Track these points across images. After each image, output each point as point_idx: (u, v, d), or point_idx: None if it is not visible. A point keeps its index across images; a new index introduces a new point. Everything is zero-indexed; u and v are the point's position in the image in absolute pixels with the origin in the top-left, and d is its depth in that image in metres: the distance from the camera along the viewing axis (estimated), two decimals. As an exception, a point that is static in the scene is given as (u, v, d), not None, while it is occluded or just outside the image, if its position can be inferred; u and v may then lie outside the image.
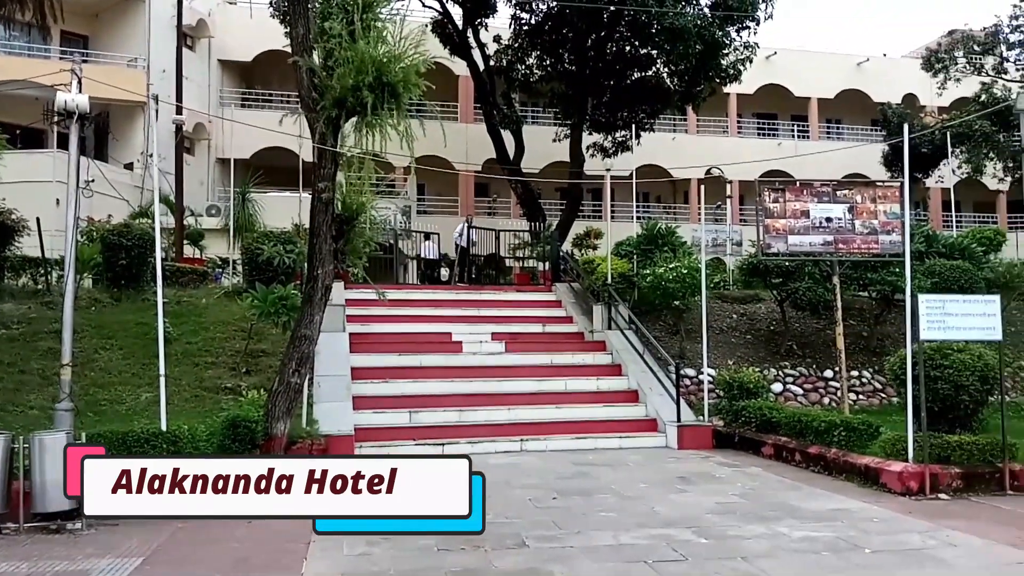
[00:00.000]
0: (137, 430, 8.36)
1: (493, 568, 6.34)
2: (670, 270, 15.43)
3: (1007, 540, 7.03)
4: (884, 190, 13.74)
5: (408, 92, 9.67)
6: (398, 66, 9.56)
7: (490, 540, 6.86)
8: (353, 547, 6.85)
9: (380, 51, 9.57)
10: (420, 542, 6.85)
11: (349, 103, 9.57)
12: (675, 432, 12.58)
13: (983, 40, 31.41)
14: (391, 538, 7.00)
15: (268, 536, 7.21)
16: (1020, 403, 12.42)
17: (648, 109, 24.07)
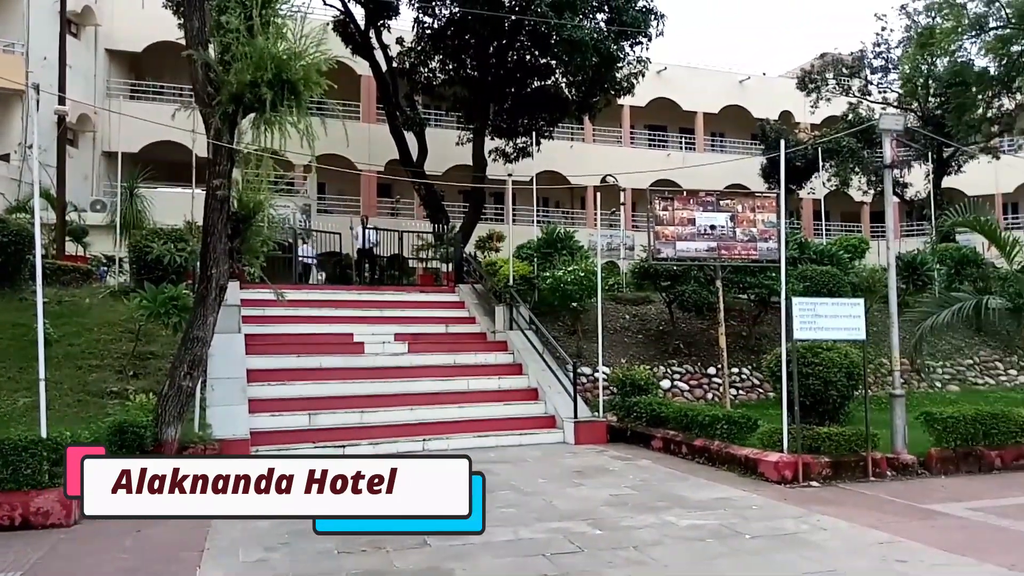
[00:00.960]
0: (14, 438, 7.79)
1: (394, 568, 6.34)
2: (568, 273, 15.94)
3: (870, 523, 7.61)
4: (762, 200, 14.70)
5: (309, 90, 9.50)
6: (298, 64, 9.35)
7: (391, 541, 6.92)
8: (249, 553, 6.78)
9: (280, 48, 9.37)
10: (319, 545, 6.83)
11: (247, 99, 9.36)
12: (572, 428, 13.03)
13: (851, 64, 33.74)
14: (290, 543, 7.02)
15: (158, 545, 7.01)
16: (881, 397, 13.42)
17: (548, 117, 24.66)
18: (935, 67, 29.42)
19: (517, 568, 6.30)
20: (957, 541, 6.94)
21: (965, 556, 6.45)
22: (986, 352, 18.57)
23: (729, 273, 15.49)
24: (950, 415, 10.43)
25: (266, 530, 7.42)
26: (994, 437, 10.42)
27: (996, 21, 20.80)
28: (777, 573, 6.15)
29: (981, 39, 21.63)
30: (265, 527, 7.49)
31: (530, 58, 23.08)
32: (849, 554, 6.62)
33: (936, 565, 6.27)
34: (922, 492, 9.15)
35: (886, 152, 11.59)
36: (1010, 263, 14.02)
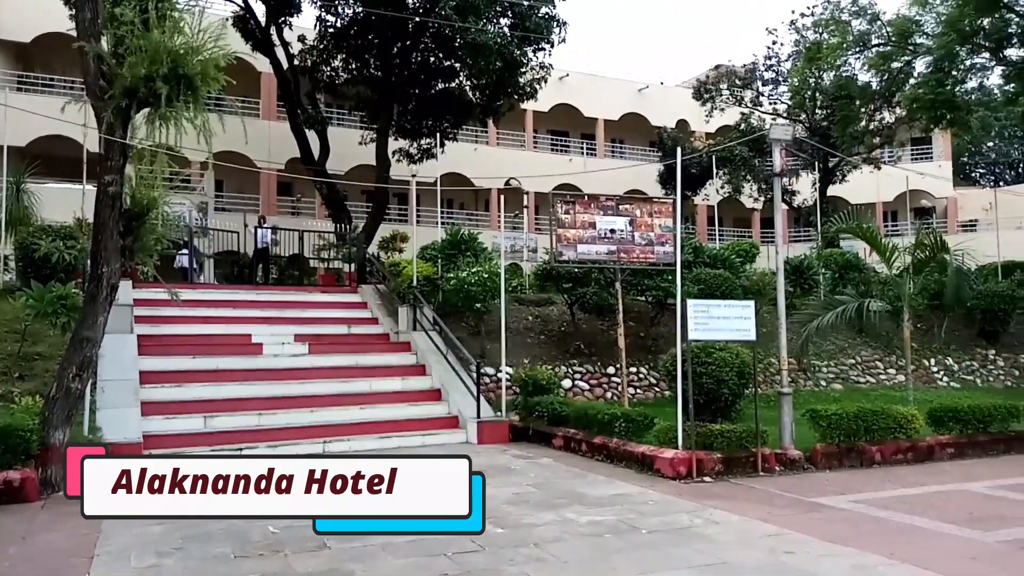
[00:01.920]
0: None
1: (293, 572, 6.27)
2: (472, 274, 15.99)
3: (759, 516, 7.92)
4: (659, 206, 15.11)
5: (206, 86, 9.30)
6: (196, 59, 9.13)
7: (290, 543, 6.84)
8: (142, 559, 6.61)
9: (177, 42, 9.13)
10: (215, 550, 6.69)
11: (141, 93, 9.10)
12: (475, 428, 13.09)
13: (743, 76, 35.13)
14: (184, 547, 6.86)
15: (46, 552, 6.80)
16: (770, 395, 13.99)
17: (452, 119, 24.62)
18: (822, 80, 30.88)
19: (418, 568, 6.28)
20: (841, 532, 7.29)
21: (848, 547, 6.78)
22: (867, 352, 19.63)
23: (628, 276, 15.84)
24: (834, 412, 10.95)
25: (159, 535, 7.22)
26: (875, 433, 11.01)
27: (878, 38, 22.04)
28: (672, 566, 6.31)
29: (864, 55, 22.88)
30: (158, 531, 7.28)
31: (434, 60, 23.02)
32: (740, 546, 6.86)
33: (821, 556, 6.56)
34: (808, 486, 9.56)
35: (776, 161, 12.12)
36: (890, 268, 14.90)
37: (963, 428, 11.81)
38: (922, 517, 7.86)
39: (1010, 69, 20.48)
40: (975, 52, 20.54)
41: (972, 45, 19.92)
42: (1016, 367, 20.54)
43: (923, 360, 19.56)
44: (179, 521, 7.46)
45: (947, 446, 11.52)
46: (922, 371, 19.26)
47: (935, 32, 20.29)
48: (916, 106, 21.35)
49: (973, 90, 23.37)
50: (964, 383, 19.36)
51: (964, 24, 18.70)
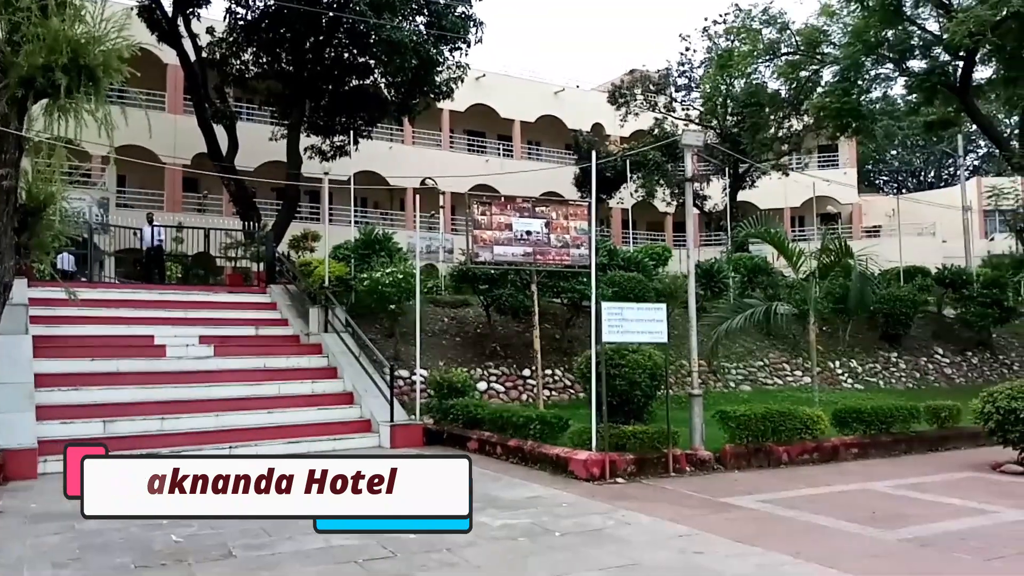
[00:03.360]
0: None
1: None
2: (387, 275, 15.74)
3: (670, 517, 7.99)
4: (575, 208, 15.18)
5: (109, 77, 8.99)
6: (98, 49, 8.80)
7: (194, 553, 6.63)
8: (36, 570, 6.33)
9: (77, 31, 8.78)
10: (115, 560, 6.45)
11: (39, 84, 8.72)
12: (388, 432, 12.87)
13: (657, 81, 35.76)
14: (81, 558, 6.60)
15: None
16: (682, 397, 14.20)
17: (366, 116, 24.29)
18: (733, 88, 31.69)
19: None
20: (749, 532, 7.40)
21: (755, 546, 6.88)
22: (775, 354, 20.18)
23: (544, 278, 15.86)
24: (743, 413, 11.16)
25: (55, 545, 6.91)
26: (782, 434, 11.26)
27: (787, 47, 22.71)
28: (585, 568, 6.29)
29: (774, 63, 23.54)
30: (55, 542, 6.96)
31: (349, 56, 22.60)
32: (651, 547, 6.90)
33: (729, 555, 6.63)
34: (718, 486, 9.71)
35: (688, 166, 12.30)
36: (796, 272, 15.32)
37: (866, 429, 12.21)
38: (827, 516, 8.04)
39: (912, 80, 21.40)
40: (880, 63, 21.39)
41: (877, 56, 20.74)
42: (917, 369, 21.48)
43: (828, 362, 20.23)
44: (77, 531, 7.28)
45: (851, 446, 11.88)
46: (827, 373, 19.91)
47: (842, 42, 21.05)
48: (823, 114, 22.10)
49: (877, 99, 24.36)
50: (868, 385, 20.11)
51: (869, 35, 19.45)
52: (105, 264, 20.56)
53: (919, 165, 64.09)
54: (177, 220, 23.55)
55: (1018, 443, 10.41)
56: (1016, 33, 17.84)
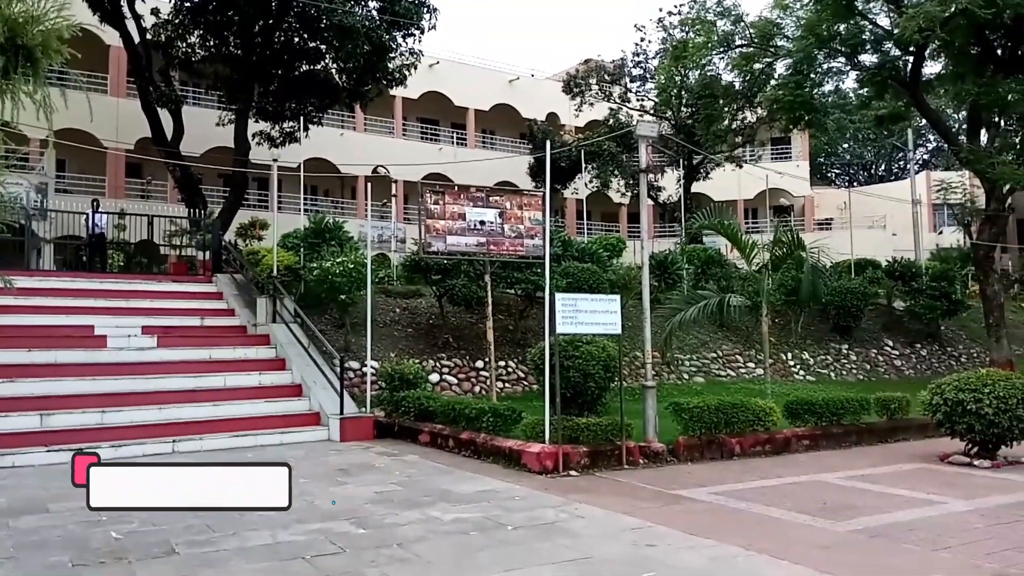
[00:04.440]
0: None
1: None
2: (337, 264, 15.50)
3: (623, 509, 7.94)
4: (529, 198, 15.07)
5: (48, 58, 8.61)
6: (36, 28, 8.45)
7: (135, 550, 6.44)
8: None
9: (15, 9, 8.43)
10: (51, 558, 6.24)
11: None
12: (338, 425, 12.65)
13: (612, 71, 35.76)
14: (16, 556, 6.38)
15: None
16: (636, 388, 14.21)
17: (317, 102, 23.90)
18: (688, 79, 31.81)
19: (274, 573, 6.00)
20: (701, 524, 7.36)
21: (708, 539, 6.84)
22: (728, 346, 20.33)
23: (498, 268, 15.74)
24: (696, 405, 11.15)
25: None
26: (734, 425, 11.28)
27: (741, 39, 22.79)
28: (537, 562, 6.21)
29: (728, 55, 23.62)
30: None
31: (299, 41, 22.15)
32: (604, 540, 6.85)
33: (682, 548, 6.59)
34: (671, 478, 9.67)
35: (642, 157, 12.22)
36: (749, 264, 15.38)
37: (818, 420, 12.29)
38: (778, 508, 8.05)
39: (864, 74, 21.64)
40: (832, 56, 21.59)
41: (829, 50, 20.91)
42: (867, 361, 21.83)
43: (781, 354, 20.45)
44: (11, 528, 7.15)
45: (803, 438, 11.95)
46: (780, 365, 20.12)
47: (795, 36, 21.16)
48: (776, 107, 22.23)
49: (830, 93, 24.65)
50: (819, 376, 20.38)
51: (822, 29, 19.58)
52: (43, 251, 19.89)
53: (870, 159, 65.45)
54: (120, 206, 22.87)
55: (965, 434, 10.55)
56: (964, 29, 18.13)
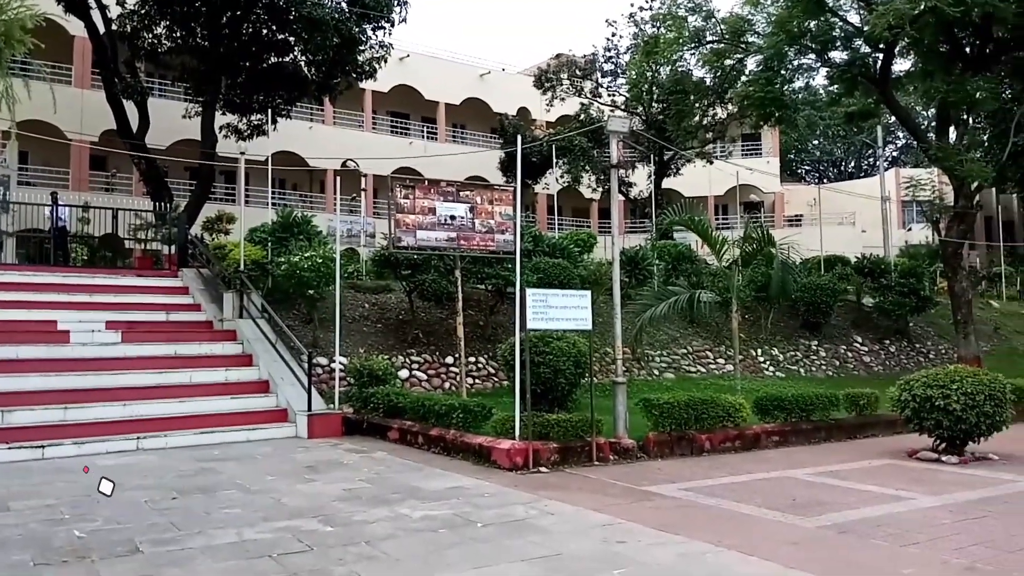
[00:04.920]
0: None
1: None
2: (305, 259, 15.30)
3: (593, 506, 7.92)
4: (500, 193, 14.99)
5: (11, 48, 8.47)
6: None
7: (98, 549, 6.31)
8: None
9: None
10: (12, 558, 6.09)
11: None
12: (306, 421, 12.52)
13: (583, 66, 35.73)
14: None
15: None
16: (606, 384, 14.18)
17: (285, 95, 23.63)
18: (659, 75, 31.83)
19: (241, 571, 5.90)
20: (671, 520, 7.34)
21: (678, 534, 6.83)
22: (698, 342, 20.38)
23: (468, 263, 15.65)
24: (666, 401, 11.14)
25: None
26: (704, 422, 11.30)
27: (713, 35, 22.80)
28: (507, 559, 6.16)
29: (699, 51, 23.61)
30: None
31: (267, 32, 21.85)
32: (574, 537, 6.81)
33: (651, 544, 6.57)
34: (641, 475, 9.66)
35: (613, 153, 12.19)
36: (719, 260, 15.43)
37: (787, 416, 12.36)
38: (748, 504, 8.05)
39: (834, 71, 21.77)
40: (802, 53, 21.68)
41: (800, 46, 20.99)
42: (837, 357, 22.01)
43: (751, 350, 20.55)
44: None
45: (772, 434, 12.01)
46: (750, 361, 20.22)
47: (766, 32, 21.21)
48: (747, 103, 22.29)
49: (800, 90, 24.75)
50: (789, 373, 20.50)
51: (792, 26, 19.63)
52: (5, 245, 19.46)
53: (840, 155, 66.17)
54: (84, 199, 22.41)
55: (933, 430, 10.64)
56: (933, 27, 18.28)
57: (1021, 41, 19.75)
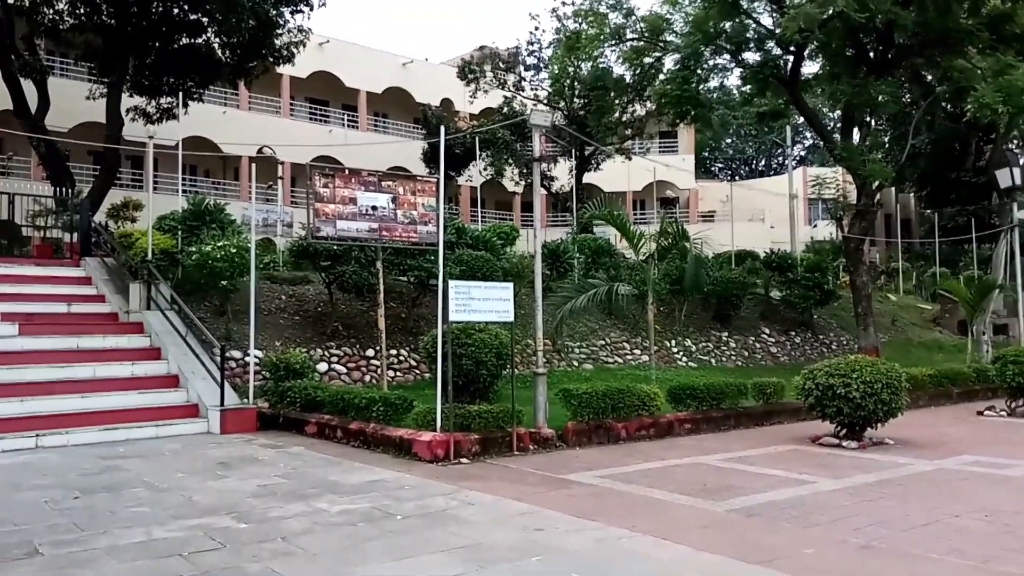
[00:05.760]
0: None
1: None
2: (218, 248, 14.86)
3: (513, 495, 7.96)
4: (423, 184, 14.86)
5: None
6: None
7: None
8: None
9: None
10: None
11: None
12: (218, 417, 12.17)
13: (507, 59, 35.80)
14: None
15: None
16: (527, 376, 14.27)
17: (198, 78, 22.85)
18: (580, 70, 32.13)
19: (149, 571, 5.69)
20: (588, 507, 7.45)
21: (595, 521, 6.93)
22: (616, 333, 20.72)
23: (390, 255, 15.50)
24: (584, 391, 11.30)
25: None
26: (621, 411, 11.49)
27: (633, 33, 23.13)
28: (426, 551, 6.14)
29: (620, 48, 23.94)
30: None
31: (179, 12, 21.08)
32: (493, 526, 6.85)
33: (568, 531, 6.64)
34: (560, 463, 9.76)
35: (535, 146, 12.27)
36: (636, 254, 15.70)
37: (699, 405, 12.68)
38: (662, 490, 8.23)
39: (747, 71, 22.44)
40: (718, 53, 22.26)
41: (715, 47, 21.54)
42: (746, 348, 22.72)
43: (665, 341, 21.00)
44: None
45: (685, 422, 12.31)
46: (664, 352, 20.66)
47: (683, 32, 21.69)
48: (664, 101, 22.73)
49: (715, 89, 25.42)
50: (701, 363, 21.03)
51: (709, 26, 20.13)
52: None
53: (752, 154, 68.19)
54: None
55: (834, 417, 11.08)
56: (840, 32, 19.04)
57: (920, 48, 20.73)
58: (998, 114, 18.27)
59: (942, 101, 25.83)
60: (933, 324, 30.06)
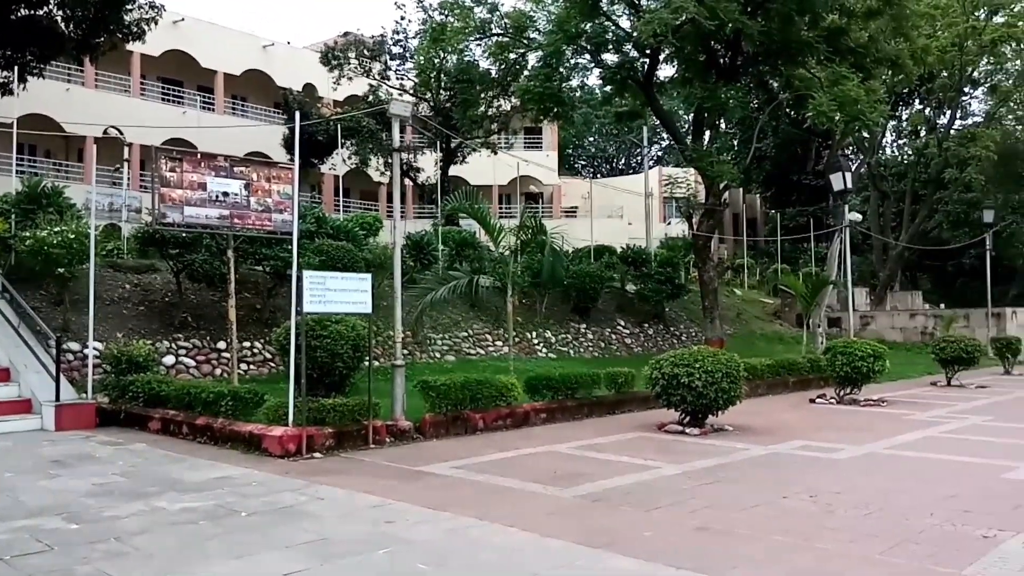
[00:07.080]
0: None
1: None
2: (55, 234, 13.95)
3: (365, 489, 7.94)
4: (279, 171, 14.44)
5: None
6: None
7: None
8: None
9: None
10: None
11: None
12: (52, 412, 11.51)
13: (372, 47, 35.26)
14: None
15: None
16: (387, 368, 14.21)
17: (38, 52, 21.29)
18: (447, 63, 32.09)
19: None
20: (440, 498, 7.54)
21: (445, 511, 7.02)
22: (479, 325, 20.92)
23: (244, 244, 15.03)
24: (443, 383, 11.39)
25: None
26: (479, 401, 11.69)
27: (498, 28, 23.34)
28: (271, 547, 6.05)
29: (485, 43, 24.10)
30: None
31: (17, -19, 19.62)
32: (343, 520, 6.82)
33: (419, 522, 6.71)
34: (416, 455, 9.82)
35: (395, 136, 12.21)
36: (496, 247, 15.92)
37: (555, 395, 13.04)
38: (513, 479, 8.43)
39: (606, 72, 23.14)
40: (579, 53, 22.83)
41: (577, 46, 22.09)
42: (602, 339, 23.47)
43: (526, 333, 21.40)
44: None
45: (541, 411, 12.62)
46: (525, 343, 21.04)
47: (546, 30, 22.10)
48: (527, 97, 23.09)
49: (577, 88, 26.01)
50: (560, 354, 21.57)
51: (570, 26, 20.61)
52: None
53: (612, 152, 70.20)
54: None
55: (679, 405, 11.66)
56: (693, 38, 19.98)
57: (765, 56, 22.02)
58: (834, 121, 19.68)
59: (785, 107, 27.54)
60: (775, 317, 32.06)
